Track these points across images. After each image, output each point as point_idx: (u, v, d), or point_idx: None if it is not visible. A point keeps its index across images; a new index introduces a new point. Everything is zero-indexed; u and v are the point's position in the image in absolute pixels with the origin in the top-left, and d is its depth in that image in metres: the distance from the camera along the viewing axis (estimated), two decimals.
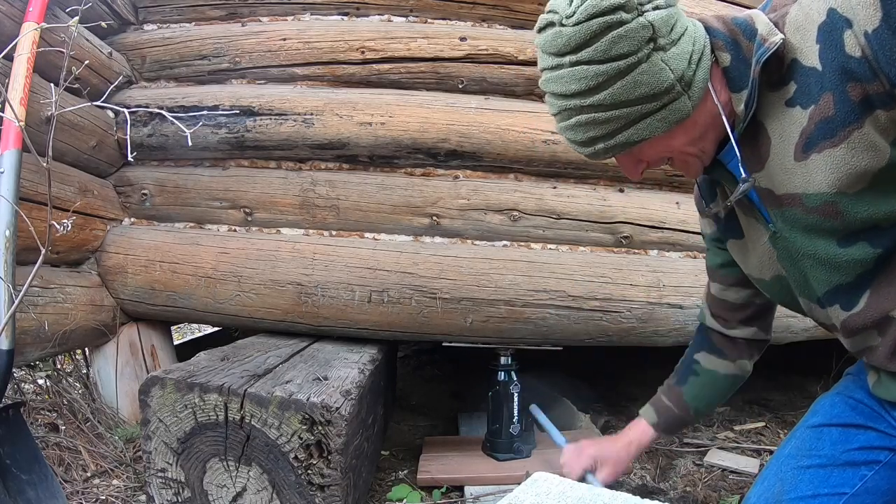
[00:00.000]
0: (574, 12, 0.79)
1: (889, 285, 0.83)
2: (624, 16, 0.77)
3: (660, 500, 0.95)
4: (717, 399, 1.27)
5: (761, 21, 0.82)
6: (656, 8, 0.79)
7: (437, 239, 1.97)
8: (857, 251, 0.82)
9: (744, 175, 0.86)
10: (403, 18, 2.07)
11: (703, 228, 1.18)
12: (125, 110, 1.57)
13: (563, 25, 0.81)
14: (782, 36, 0.78)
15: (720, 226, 1.08)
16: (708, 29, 0.85)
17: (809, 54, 0.77)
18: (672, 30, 0.79)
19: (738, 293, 1.15)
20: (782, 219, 0.88)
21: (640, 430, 1.32)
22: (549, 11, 0.84)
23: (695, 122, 0.85)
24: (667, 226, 2.01)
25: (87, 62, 1.64)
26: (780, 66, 0.80)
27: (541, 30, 0.86)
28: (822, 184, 0.79)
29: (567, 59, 0.82)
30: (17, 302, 1.35)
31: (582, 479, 1.30)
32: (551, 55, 0.84)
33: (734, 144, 0.86)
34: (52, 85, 1.57)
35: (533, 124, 1.92)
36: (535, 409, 1.76)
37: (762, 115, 0.84)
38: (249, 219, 2.00)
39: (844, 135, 0.75)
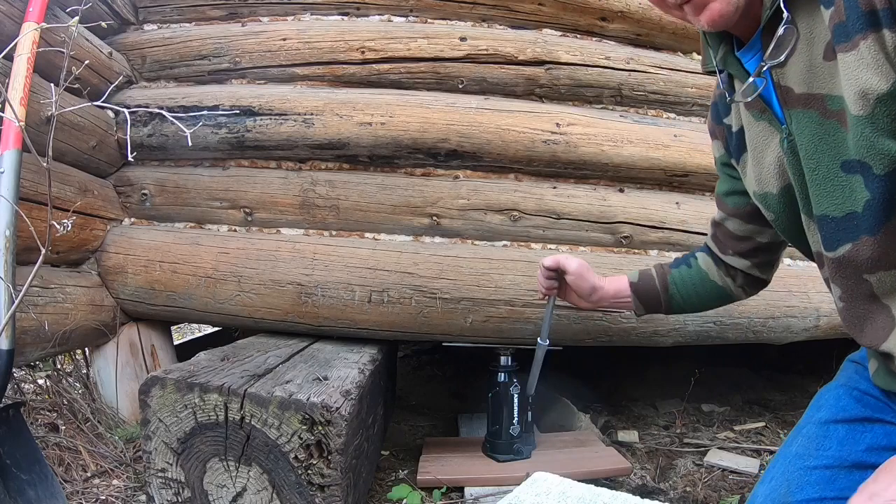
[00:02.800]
0: None
1: (874, 251, 0.79)
2: None
3: (660, 500, 0.95)
4: (696, 301, 1.25)
5: None
6: None
7: (437, 239, 1.97)
8: (854, 183, 0.78)
9: (763, 62, 0.83)
10: (403, 18, 2.07)
11: (714, 153, 1.13)
12: (125, 110, 1.57)
13: None
14: None
15: (732, 144, 1.02)
16: None
17: None
18: None
19: (738, 224, 1.12)
20: (796, 121, 0.83)
21: (616, 277, 1.32)
22: None
23: None
24: (667, 226, 2.01)
25: (87, 62, 1.64)
26: None
27: None
28: (841, 88, 0.75)
29: None
30: (17, 302, 1.35)
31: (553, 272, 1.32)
32: None
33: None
34: (52, 85, 1.57)
35: (533, 124, 1.93)
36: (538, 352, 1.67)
37: (793, 7, 0.79)
38: (249, 219, 2.00)
39: (854, 42, 0.71)
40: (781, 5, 0.78)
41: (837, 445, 0.94)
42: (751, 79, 0.85)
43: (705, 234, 2.13)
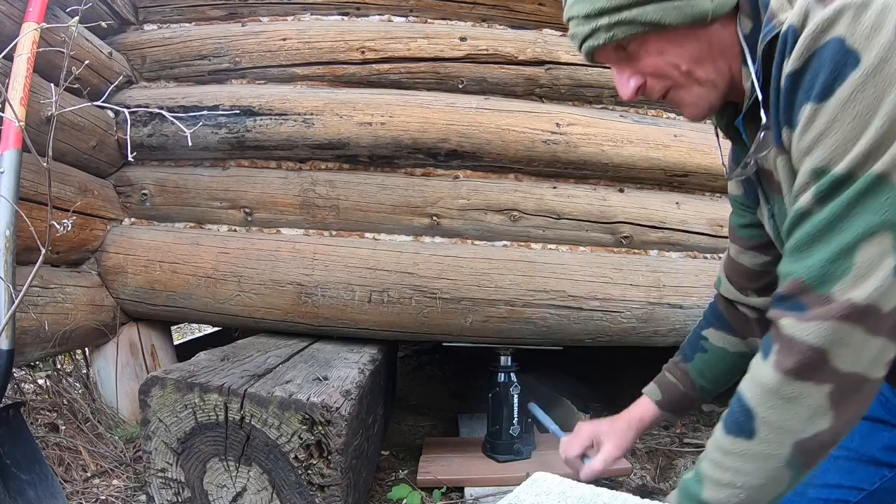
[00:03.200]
0: None
1: None
2: None
3: (660, 500, 0.95)
4: (727, 377, 1.17)
5: None
6: None
7: (437, 239, 1.97)
8: None
9: (749, 156, 0.84)
10: (403, 18, 2.07)
11: (730, 190, 1.11)
12: (125, 110, 1.57)
13: None
14: (787, 16, 0.71)
15: (749, 189, 1.00)
16: None
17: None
18: None
19: (754, 258, 1.07)
20: (777, 205, 0.85)
21: (642, 407, 1.23)
22: None
23: (709, 38, 0.78)
24: (667, 226, 2.01)
25: (87, 62, 1.64)
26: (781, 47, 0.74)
27: None
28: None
29: None
30: (17, 302, 1.35)
31: (582, 458, 1.23)
32: None
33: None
34: (52, 85, 1.57)
35: (533, 124, 1.92)
36: (533, 407, 1.77)
37: (767, 93, 0.77)
38: (249, 219, 2.00)
39: (779, 149, 0.76)
40: (762, 113, 0.76)
41: (860, 439, 0.97)
42: (739, 168, 0.88)
43: (705, 234, 2.13)
